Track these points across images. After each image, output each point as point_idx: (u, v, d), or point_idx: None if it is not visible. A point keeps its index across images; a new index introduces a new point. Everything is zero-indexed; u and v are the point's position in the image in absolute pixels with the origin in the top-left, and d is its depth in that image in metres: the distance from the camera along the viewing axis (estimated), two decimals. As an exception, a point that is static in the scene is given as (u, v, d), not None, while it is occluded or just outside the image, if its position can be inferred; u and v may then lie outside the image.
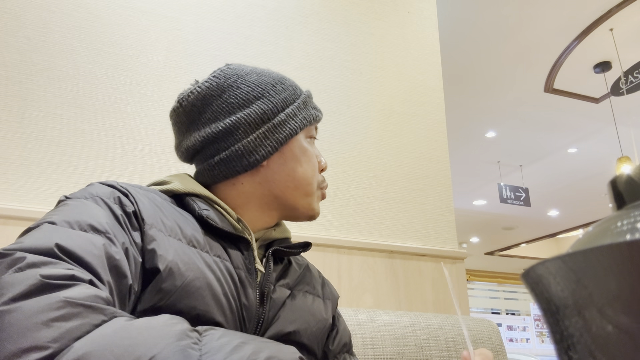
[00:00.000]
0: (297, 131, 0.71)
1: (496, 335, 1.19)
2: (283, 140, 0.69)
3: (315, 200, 0.75)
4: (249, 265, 0.64)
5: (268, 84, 0.71)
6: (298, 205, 0.72)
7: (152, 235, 0.55)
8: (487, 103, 4.47)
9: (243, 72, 0.72)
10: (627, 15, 3.35)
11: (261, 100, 0.69)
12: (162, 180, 0.70)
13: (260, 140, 0.68)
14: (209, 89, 0.70)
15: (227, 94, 0.69)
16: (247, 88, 0.70)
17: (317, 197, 0.75)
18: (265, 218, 0.72)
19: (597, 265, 0.19)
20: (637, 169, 0.24)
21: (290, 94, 0.73)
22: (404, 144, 1.66)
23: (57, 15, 1.31)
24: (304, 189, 0.72)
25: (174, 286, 0.53)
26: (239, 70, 0.72)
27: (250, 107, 0.68)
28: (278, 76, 0.74)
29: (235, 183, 0.70)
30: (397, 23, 1.81)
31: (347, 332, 0.80)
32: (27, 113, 1.22)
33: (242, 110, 0.68)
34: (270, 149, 0.68)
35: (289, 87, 0.74)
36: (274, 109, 0.69)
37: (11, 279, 0.40)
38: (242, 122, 0.67)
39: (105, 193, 0.57)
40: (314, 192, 0.74)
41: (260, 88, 0.70)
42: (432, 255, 1.55)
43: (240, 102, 0.69)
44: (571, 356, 0.21)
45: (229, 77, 0.71)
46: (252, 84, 0.70)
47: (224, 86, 0.70)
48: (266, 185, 0.70)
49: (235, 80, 0.70)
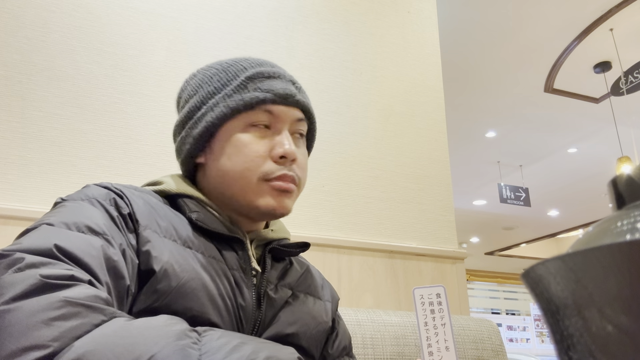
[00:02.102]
0: (215, 123, 0.65)
1: (496, 335, 1.19)
2: (198, 135, 0.65)
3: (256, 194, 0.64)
4: (244, 266, 0.63)
5: (207, 76, 0.69)
6: (240, 202, 0.65)
7: (146, 236, 0.55)
8: (487, 103, 4.47)
9: (192, 75, 0.73)
10: (627, 15, 3.35)
11: (194, 97, 0.69)
12: (156, 180, 0.70)
13: (184, 139, 0.68)
14: (177, 96, 0.75)
15: (181, 97, 0.73)
16: (189, 89, 0.71)
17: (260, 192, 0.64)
18: (240, 218, 0.68)
19: (597, 265, 0.19)
20: (637, 169, 0.24)
21: (223, 82, 0.67)
22: (404, 144, 1.66)
23: (57, 15, 1.31)
24: (236, 183, 0.64)
25: (170, 287, 0.53)
26: (200, 69, 0.74)
27: (185, 106, 0.70)
28: (225, 64, 0.69)
29: (197, 183, 0.71)
30: (397, 23, 1.81)
31: (347, 335, 0.79)
32: (27, 113, 1.22)
33: (181, 112, 0.71)
34: (189, 146, 0.67)
35: (229, 73, 0.67)
36: (199, 103, 0.67)
37: (11, 279, 0.40)
38: (177, 123, 0.71)
39: (101, 195, 0.57)
40: (252, 186, 0.64)
41: (197, 85, 0.70)
42: (432, 255, 1.55)
43: (183, 105, 0.71)
44: (571, 356, 0.21)
45: (187, 80, 0.74)
46: (193, 84, 0.71)
47: (181, 90, 0.74)
48: (211, 183, 0.67)
49: (185, 86, 0.73)
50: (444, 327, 0.51)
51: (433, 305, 0.53)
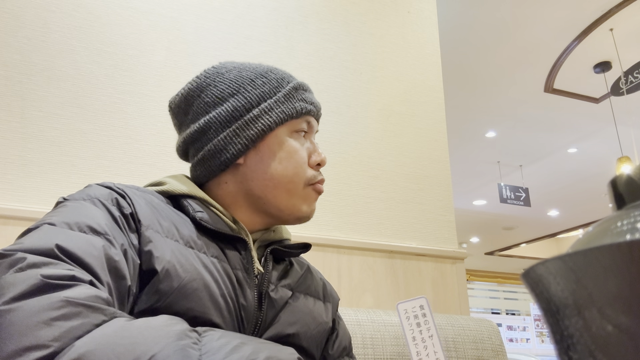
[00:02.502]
0: (271, 126, 0.67)
1: (496, 335, 1.19)
2: (254, 136, 0.67)
3: (302, 199, 0.69)
4: (247, 266, 0.63)
5: (246, 79, 0.69)
6: (281, 205, 0.68)
7: (148, 236, 0.55)
8: (487, 103, 4.47)
9: (224, 70, 0.71)
10: (627, 15, 3.35)
11: (235, 97, 0.68)
12: (159, 181, 0.70)
13: (231, 138, 0.67)
14: (190, 90, 0.71)
15: (205, 93, 0.70)
16: (222, 85, 0.69)
17: (305, 197, 0.69)
18: (256, 219, 0.70)
19: (597, 265, 0.19)
20: (637, 169, 0.24)
21: (271, 88, 0.69)
22: (404, 144, 1.66)
23: (57, 15, 1.31)
24: (284, 187, 0.67)
25: (171, 287, 0.53)
26: (221, 68, 0.72)
27: (223, 105, 0.68)
28: (263, 70, 0.71)
29: (220, 183, 0.70)
30: (397, 23, 1.81)
31: (347, 335, 0.79)
32: (27, 113, 1.22)
33: (216, 109, 0.68)
34: (240, 146, 0.66)
35: (272, 80, 0.70)
36: (247, 104, 0.67)
37: (12, 279, 0.40)
38: (213, 120, 0.68)
39: (103, 195, 0.57)
40: (298, 190, 0.68)
41: (236, 84, 0.69)
42: (432, 255, 1.55)
43: (215, 101, 0.69)
44: (571, 356, 0.21)
45: (209, 76, 0.71)
46: (228, 81, 0.70)
47: (203, 86, 0.70)
48: (246, 185, 0.68)
49: (214, 79, 0.70)
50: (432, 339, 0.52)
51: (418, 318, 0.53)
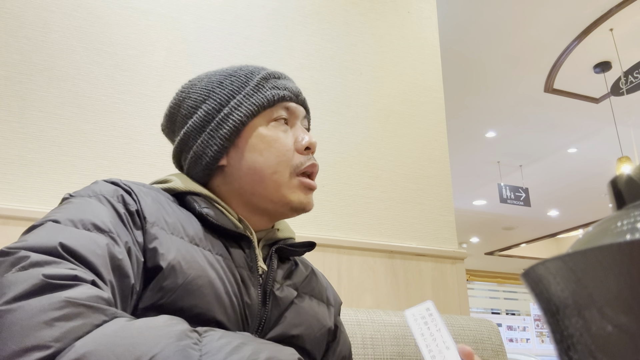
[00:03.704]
0: (243, 121, 0.67)
1: (496, 335, 1.19)
2: (227, 134, 0.67)
3: (291, 189, 0.67)
4: (251, 264, 0.64)
5: (215, 83, 0.71)
6: (272, 197, 0.67)
7: (154, 233, 0.55)
8: (487, 103, 4.47)
9: (197, 80, 0.73)
10: (627, 15, 3.35)
11: (206, 102, 0.69)
12: (164, 178, 0.70)
13: (207, 141, 0.68)
14: (171, 109, 0.74)
15: (182, 107, 0.72)
16: (195, 95, 0.71)
17: (294, 186, 0.67)
18: (255, 218, 0.70)
19: (597, 265, 0.19)
20: (637, 169, 0.24)
21: (239, 85, 0.69)
22: (404, 144, 1.66)
23: (57, 15, 1.31)
24: (270, 179, 0.66)
25: (175, 284, 0.53)
26: (194, 80, 0.74)
27: (197, 112, 0.70)
28: (232, 70, 0.72)
29: (212, 187, 0.70)
30: (397, 23, 1.81)
31: (347, 344, 0.78)
32: (27, 113, 1.22)
33: (192, 118, 0.70)
34: (217, 147, 0.67)
35: (240, 76, 0.70)
36: (217, 106, 0.68)
37: (14, 278, 0.40)
38: (190, 129, 0.69)
39: (109, 191, 0.57)
40: (285, 180, 0.67)
41: (206, 90, 0.70)
42: (432, 255, 1.55)
43: (190, 111, 0.71)
44: (571, 356, 0.21)
45: (184, 90, 0.73)
46: (199, 89, 0.71)
47: (180, 101, 0.73)
48: (236, 184, 0.68)
49: (188, 92, 0.73)
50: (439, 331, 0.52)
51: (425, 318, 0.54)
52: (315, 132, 1.38)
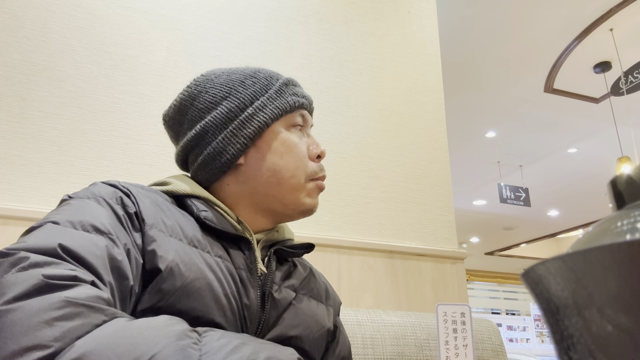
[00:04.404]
0: (268, 123, 0.68)
1: (496, 335, 1.19)
2: (252, 134, 0.68)
3: (305, 193, 0.70)
4: (251, 265, 0.64)
5: (236, 81, 0.71)
6: (286, 200, 0.69)
7: (152, 235, 0.55)
8: (487, 103, 4.47)
9: (213, 76, 0.73)
10: (627, 15, 3.35)
11: (228, 99, 0.69)
12: (163, 181, 0.70)
13: (229, 139, 0.67)
14: (183, 100, 0.72)
15: (197, 100, 0.71)
16: (214, 90, 0.70)
17: (308, 190, 0.70)
18: (260, 219, 0.70)
19: (597, 265, 0.19)
20: (637, 169, 0.24)
21: (261, 86, 0.71)
22: (404, 144, 1.66)
23: (57, 15, 1.31)
24: (287, 182, 0.68)
25: (174, 286, 0.53)
26: (210, 75, 0.73)
27: (217, 108, 0.69)
28: (251, 71, 0.73)
29: (222, 185, 0.70)
30: (397, 23, 1.81)
31: (347, 344, 0.78)
32: (27, 113, 1.22)
33: (211, 113, 0.69)
34: (239, 145, 0.67)
35: (261, 79, 0.72)
36: (241, 105, 0.69)
37: (14, 279, 0.40)
38: (210, 124, 0.69)
39: (107, 193, 0.57)
40: (302, 184, 0.69)
41: (227, 87, 0.70)
42: (432, 255, 1.55)
43: (209, 106, 0.70)
44: (571, 356, 0.21)
45: (199, 84, 0.72)
46: (219, 85, 0.71)
47: (195, 94, 0.72)
48: (250, 184, 0.69)
49: (204, 86, 0.72)
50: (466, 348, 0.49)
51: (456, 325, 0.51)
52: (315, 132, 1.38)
